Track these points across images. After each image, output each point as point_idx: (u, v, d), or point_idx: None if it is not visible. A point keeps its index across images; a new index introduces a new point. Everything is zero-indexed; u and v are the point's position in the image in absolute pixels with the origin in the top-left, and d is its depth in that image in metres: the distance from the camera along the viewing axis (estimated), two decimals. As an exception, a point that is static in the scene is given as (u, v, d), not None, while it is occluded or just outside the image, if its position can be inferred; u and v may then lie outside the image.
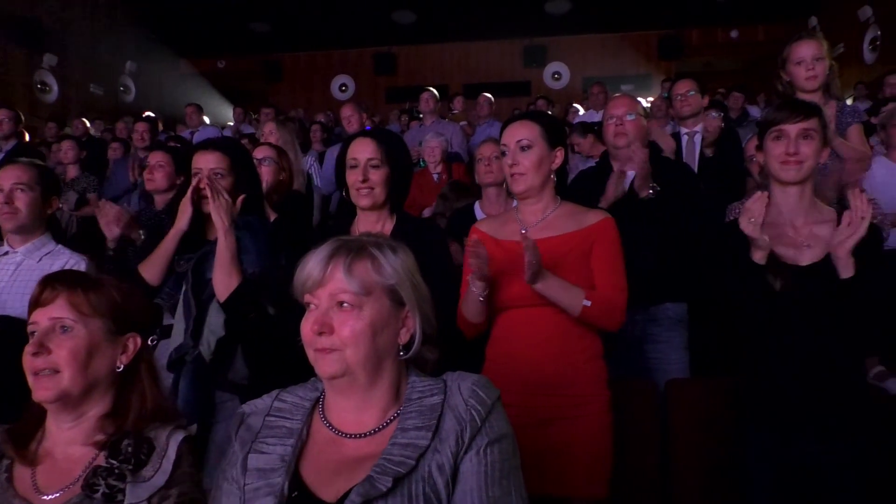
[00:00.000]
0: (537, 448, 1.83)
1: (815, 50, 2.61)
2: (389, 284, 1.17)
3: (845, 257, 1.70)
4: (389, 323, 1.17)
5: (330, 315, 1.14)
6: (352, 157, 2.07)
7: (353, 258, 1.16)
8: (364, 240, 1.21)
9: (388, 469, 1.08)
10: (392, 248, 1.21)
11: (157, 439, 1.30)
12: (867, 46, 9.04)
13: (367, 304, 1.14)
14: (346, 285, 1.13)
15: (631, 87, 11.03)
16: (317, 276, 1.15)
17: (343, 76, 12.23)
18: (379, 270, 1.17)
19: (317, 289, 1.15)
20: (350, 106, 5.21)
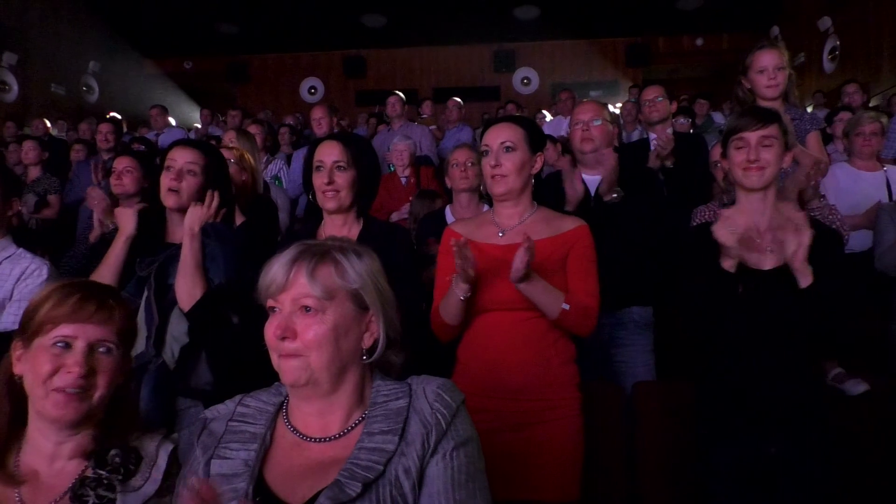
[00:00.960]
0: (511, 452, 1.84)
1: (776, 59, 2.66)
2: (353, 289, 1.17)
3: (801, 266, 1.74)
4: (353, 327, 1.17)
5: (293, 319, 1.13)
6: (318, 160, 2.06)
7: (316, 262, 1.15)
8: (328, 244, 1.20)
9: (356, 474, 1.08)
10: (357, 253, 1.21)
11: (145, 449, 1.29)
12: (826, 56, 9.29)
13: (330, 309, 1.14)
14: (309, 290, 1.13)
15: (599, 93, 11.18)
16: (280, 280, 1.14)
17: (312, 79, 12.15)
18: (342, 275, 1.16)
19: (280, 293, 1.14)
20: (322, 108, 5.18)
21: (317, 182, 2.05)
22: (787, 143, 1.89)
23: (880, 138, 3.51)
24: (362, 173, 2.06)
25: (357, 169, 2.05)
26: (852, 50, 8.78)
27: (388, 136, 5.33)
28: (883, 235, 2.83)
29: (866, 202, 3.25)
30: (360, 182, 2.06)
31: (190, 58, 12.20)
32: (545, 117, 7.63)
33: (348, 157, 2.03)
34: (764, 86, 2.66)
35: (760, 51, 2.70)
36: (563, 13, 10.71)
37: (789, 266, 1.77)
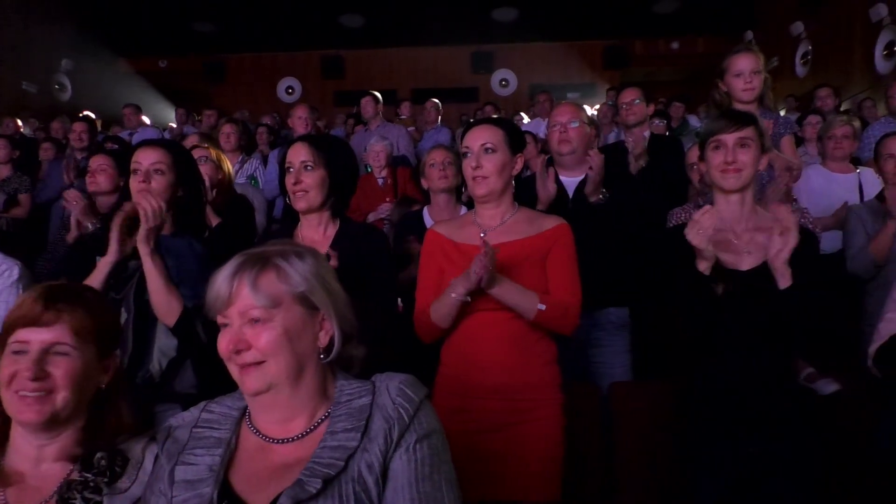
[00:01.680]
0: (493, 452, 1.84)
1: (753, 63, 2.70)
2: (298, 292, 1.17)
3: (782, 268, 1.76)
4: (305, 329, 1.17)
5: (243, 331, 1.13)
6: (288, 161, 2.06)
7: (258, 272, 1.15)
8: (268, 251, 1.20)
9: (317, 471, 1.08)
10: (298, 255, 1.20)
11: (131, 451, 1.27)
12: (799, 60, 9.45)
13: (277, 316, 1.14)
14: (253, 301, 1.13)
15: (577, 95, 11.24)
16: (224, 295, 1.14)
17: (289, 79, 12.06)
18: (286, 280, 1.16)
19: (226, 308, 1.15)
20: (303, 107, 5.15)
21: (287, 183, 2.06)
22: (763, 145, 1.92)
23: (852, 141, 3.57)
24: (334, 174, 2.05)
25: (327, 169, 2.04)
26: (824, 55, 8.94)
27: (365, 137, 5.31)
28: (853, 237, 2.88)
29: (838, 204, 3.30)
30: (332, 182, 2.05)
31: (165, 57, 12.05)
32: (523, 119, 7.65)
33: (316, 158, 2.02)
34: (740, 89, 2.69)
35: (737, 55, 2.73)
36: (541, 15, 10.77)
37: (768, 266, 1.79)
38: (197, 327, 1.93)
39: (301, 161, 2.03)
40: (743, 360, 1.84)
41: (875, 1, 7.56)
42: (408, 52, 11.91)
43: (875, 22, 7.58)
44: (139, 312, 1.97)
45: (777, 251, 1.75)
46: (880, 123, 4.64)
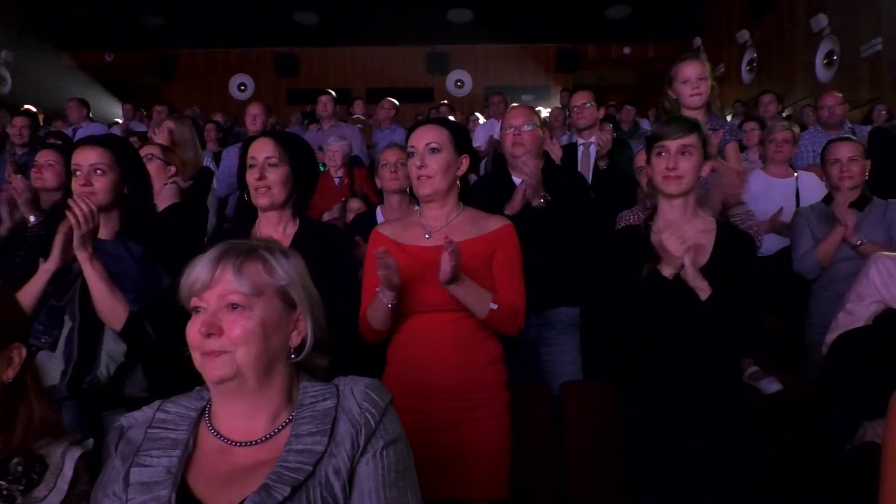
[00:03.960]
0: (439, 452, 1.84)
1: (699, 70, 2.76)
2: (280, 285, 1.16)
3: (694, 281, 1.83)
4: (281, 324, 1.16)
5: (219, 317, 1.11)
6: (250, 157, 2.03)
7: (243, 260, 1.14)
8: (255, 243, 1.19)
9: (284, 476, 1.07)
10: (284, 253, 1.20)
11: (51, 456, 1.22)
12: (745, 67, 9.74)
13: (257, 305, 1.13)
14: (235, 286, 1.12)
15: (531, 97, 11.36)
16: (205, 278, 1.12)
17: (242, 75, 11.87)
18: (270, 272, 1.16)
19: (205, 291, 1.12)
20: (258, 105, 5.08)
21: (249, 179, 2.02)
22: (706, 152, 1.97)
23: (791, 146, 3.70)
24: (297, 171, 2.03)
25: (291, 167, 2.02)
26: (768, 62, 9.23)
27: (318, 136, 5.27)
28: (800, 239, 2.97)
29: (776, 207, 3.42)
30: (294, 180, 2.03)
31: (112, 51, 11.70)
32: (478, 119, 7.70)
33: (281, 154, 2.00)
34: (688, 95, 2.76)
35: (684, 62, 2.79)
36: (495, 17, 10.85)
37: (709, 267, 1.84)
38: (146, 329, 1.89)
39: (265, 157, 2.00)
40: (687, 359, 1.89)
41: (816, 11, 7.84)
42: (363, 51, 11.84)
43: (816, 32, 7.86)
44: (84, 319, 1.91)
45: (684, 269, 1.82)
46: (809, 133, 4.82)
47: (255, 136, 2.15)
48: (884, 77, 6.47)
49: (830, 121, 4.70)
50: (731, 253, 1.91)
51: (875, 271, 2.04)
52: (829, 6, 7.68)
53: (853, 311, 2.00)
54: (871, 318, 1.96)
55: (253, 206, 2.06)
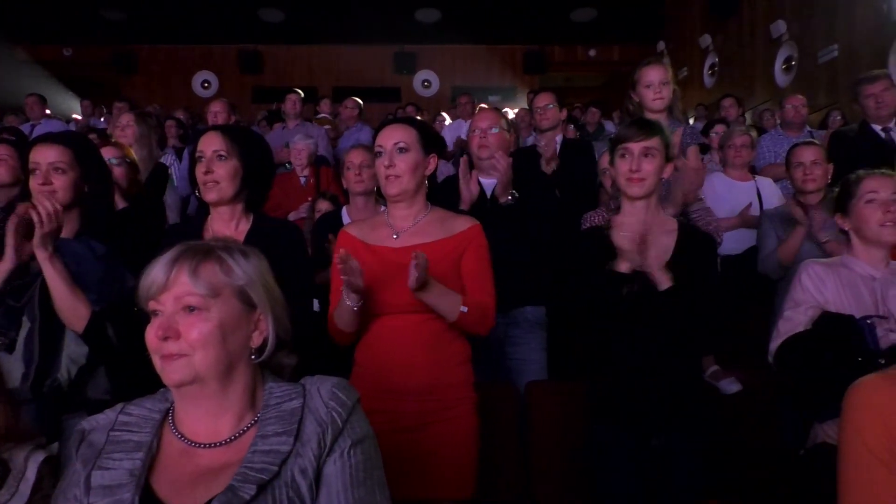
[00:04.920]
0: (407, 453, 1.84)
1: (662, 75, 2.81)
2: (238, 285, 1.15)
3: (657, 274, 1.87)
4: (240, 325, 1.15)
5: (176, 319, 1.10)
6: (199, 151, 1.99)
7: (199, 261, 1.12)
8: (212, 244, 1.18)
9: (250, 476, 1.06)
10: (243, 253, 1.19)
11: (14, 461, 1.20)
12: (707, 71, 9.93)
13: (215, 307, 1.11)
14: (192, 287, 1.10)
15: (498, 98, 11.43)
16: (161, 280, 1.11)
17: (206, 72, 11.70)
18: (228, 272, 1.14)
19: (161, 293, 1.11)
20: (220, 102, 5.01)
21: (197, 173, 1.99)
22: (667, 155, 2.01)
23: (750, 150, 3.78)
24: (248, 166, 1.99)
25: (241, 160, 1.98)
26: (729, 67, 9.42)
27: (284, 134, 5.22)
28: (765, 240, 3.04)
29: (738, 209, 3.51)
30: (245, 175, 1.99)
31: (70, 45, 11.43)
32: (445, 120, 7.71)
33: (229, 148, 1.96)
34: (651, 99, 2.80)
35: (647, 66, 2.84)
36: (463, 18, 10.88)
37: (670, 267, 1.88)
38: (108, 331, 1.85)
39: (213, 150, 1.96)
40: (645, 357, 1.92)
41: (775, 18, 8.02)
42: (329, 49, 11.78)
43: (775, 38, 8.05)
44: (44, 320, 1.86)
45: (648, 261, 1.86)
46: (770, 135, 4.92)
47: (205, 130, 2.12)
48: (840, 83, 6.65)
49: (795, 121, 4.78)
50: (691, 253, 1.95)
51: (806, 277, 2.10)
52: (787, 13, 7.87)
53: (792, 318, 2.05)
54: (809, 322, 2.01)
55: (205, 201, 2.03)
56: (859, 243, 2.12)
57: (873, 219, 2.07)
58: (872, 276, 2.07)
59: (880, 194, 2.08)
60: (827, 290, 2.06)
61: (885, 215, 2.05)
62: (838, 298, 2.04)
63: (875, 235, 2.07)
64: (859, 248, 2.12)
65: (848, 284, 2.06)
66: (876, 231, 2.06)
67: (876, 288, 2.04)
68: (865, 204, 2.09)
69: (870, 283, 2.06)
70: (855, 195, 2.13)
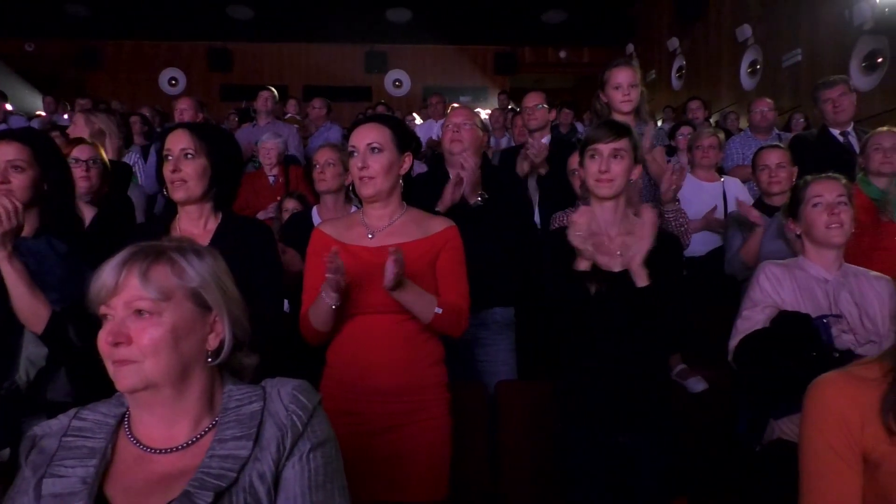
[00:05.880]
0: (380, 454, 1.84)
1: (630, 77, 2.83)
2: (191, 287, 1.11)
3: (638, 268, 1.88)
4: (195, 328, 1.12)
5: (126, 324, 1.07)
6: (166, 149, 1.96)
7: (150, 263, 1.09)
8: (165, 244, 1.14)
9: (207, 483, 1.03)
10: (197, 253, 1.15)
11: None
12: (675, 74, 10.08)
13: (167, 310, 1.08)
14: (141, 291, 1.07)
15: (469, 98, 11.44)
16: (110, 284, 1.07)
17: (173, 69, 11.51)
18: (180, 274, 1.11)
19: (111, 298, 1.08)
20: (187, 99, 4.94)
21: (164, 172, 1.96)
22: (635, 156, 2.03)
23: (717, 151, 3.83)
24: (216, 164, 1.97)
25: (209, 158, 1.95)
26: (696, 69, 9.57)
27: (253, 132, 5.16)
28: (731, 241, 3.10)
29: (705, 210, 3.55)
30: (213, 172, 1.97)
31: (32, 39, 11.16)
32: (415, 120, 7.70)
33: (197, 146, 1.94)
34: (619, 101, 2.82)
35: (616, 68, 2.86)
36: (434, 18, 10.87)
37: None
38: (69, 332, 1.81)
39: (181, 149, 1.93)
40: (615, 356, 1.94)
41: (741, 22, 8.17)
42: (299, 47, 11.69)
43: (741, 41, 8.19)
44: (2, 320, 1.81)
45: (632, 254, 1.88)
46: (740, 137, 5.01)
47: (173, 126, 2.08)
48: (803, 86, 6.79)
49: (762, 124, 4.88)
50: (658, 253, 1.97)
51: (764, 277, 2.15)
52: (753, 17, 8.01)
53: (750, 317, 2.10)
54: (767, 321, 2.06)
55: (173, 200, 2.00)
56: (811, 246, 2.20)
57: (819, 222, 2.15)
58: (825, 279, 2.13)
59: (825, 198, 2.16)
60: (784, 291, 2.12)
61: (830, 218, 2.14)
62: (794, 299, 2.10)
63: (823, 238, 2.15)
64: (811, 251, 2.19)
65: (803, 286, 2.12)
66: (823, 233, 2.14)
67: (829, 290, 2.11)
68: (812, 208, 2.18)
69: (823, 284, 2.12)
70: (803, 200, 2.22)
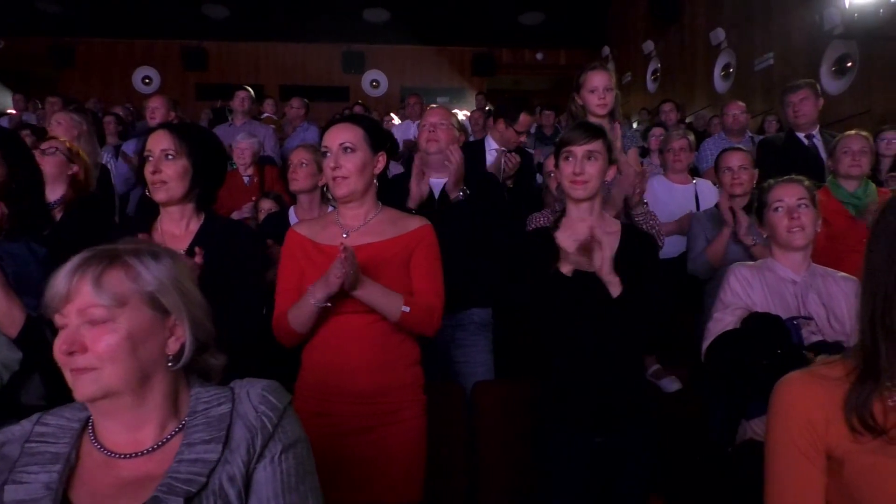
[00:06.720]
0: (355, 456, 1.83)
1: (606, 81, 2.85)
2: (148, 292, 1.08)
3: (609, 278, 1.90)
4: (153, 333, 1.09)
5: (81, 332, 1.04)
6: (147, 150, 1.94)
7: (103, 268, 1.06)
8: (120, 248, 1.11)
9: (176, 488, 1.02)
10: (153, 255, 1.12)
11: None
12: (650, 76, 10.17)
13: (122, 316, 1.06)
14: (95, 298, 1.04)
15: (447, 99, 11.45)
16: (62, 291, 1.05)
17: (147, 68, 11.38)
18: (135, 278, 1.08)
19: (64, 306, 1.05)
20: (159, 97, 4.87)
21: (145, 173, 1.94)
22: (610, 158, 2.05)
23: (688, 153, 3.87)
24: (197, 164, 1.95)
25: (190, 159, 1.94)
26: (671, 72, 9.67)
27: (229, 132, 5.11)
28: (694, 241, 3.13)
29: (678, 212, 3.59)
30: (194, 173, 1.95)
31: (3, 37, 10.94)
32: (393, 120, 7.68)
33: (178, 146, 1.92)
34: (594, 104, 2.84)
35: (592, 71, 2.87)
36: (412, 18, 10.86)
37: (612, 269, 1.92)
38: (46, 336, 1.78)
39: (162, 149, 1.92)
40: (590, 356, 1.95)
41: (715, 26, 8.27)
42: (275, 46, 11.61)
43: (715, 45, 8.29)
44: None
45: (599, 265, 1.89)
46: (713, 139, 5.09)
47: (154, 127, 2.06)
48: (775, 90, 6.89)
49: (734, 127, 4.97)
50: (635, 253, 1.99)
51: (734, 279, 2.19)
52: (726, 21, 8.12)
53: (721, 319, 2.13)
54: (738, 322, 2.09)
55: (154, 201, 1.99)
56: (777, 249, 2.24)
57: (781, 226, 2.20)
58: (793, 280, 2.17)
59: (785, 202, 2.21)
60: (754, 293, 2.15)
61: (791, 221, 2.18)
62: (764, 301, 2.14)
63: (785, 241, 2.19)
64: (778, 252, 2.24)
65: (773, 287, 2.16)
66: (785, 237, 2.19)
67: (797, 291, 2.15)
68: (774, 212, 2.23)
69: (791, 286, 2.16)
70: (766, 204, 2.27)
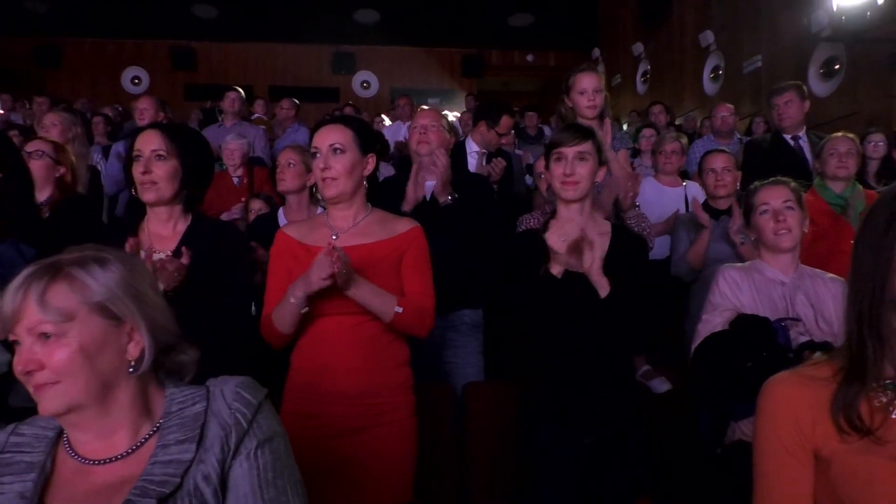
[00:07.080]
0: (344, 457, 1.83)
1: (595, 83, 2.85)
2: (96, 301, 1.06)
3: (597, 279, 1.90)
4: (108, 342, 1.07)
5: (34, 350, 1.03)
6: (136, 149, 1.94)
7: (47, 283, 1.04)
8: (63, 259, 1.09)
9: (149, 490, 1.01)
10: (99, 262, 1.09)
11: None
12: (640, 78, 10.22)
13: (72, 330, 1.04)
14: (41, 316, 1.02)
15: (437, 100, 11.46)
16: (10, 310, 1.03)
17: (136, 68, 11.32)
18: (80, 289, 1.06)
19: (14, 325, 1.04)
20: (147, 98, 4.86)
21: (134, 173, 1.93)
22: (600, 159, 2.06)
23: (680, 156, 3.90)
24: (186, 165, 1.95)
25: (180, 159, 1.94)
26: (660, 74, 9.72)
27: (220, 133, 5.10)
28: (678, 243, 3.15)
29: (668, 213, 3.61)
30: (184, 174, 1.95)
31: (-10, 36, 10.88)
32: (384, 121, 7.67)
33: (168, 147, 1.92)
34: (584, 106, 2.84)
35: (581, 73, 2.87)
36: (402, 19, 10.87)
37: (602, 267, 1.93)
38: None
39: (151, 150, 1.91)
40: (579, 356, 1.96)
41: (704, 28, 8.32)
42: (265, 47, 11.58)
43: (704, 47, 8.34)
44: None
45: (588, 265, 1.90)
46: (702, 141, 5.13)
47: (143, 127, 2.05)
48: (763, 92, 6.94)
49: (723, 129, 5.03)
50: (625, 254, 2.00)
51: (723, 281, 2.20)
52: (715, 24, 8.17)
53: (710, 321, 2.14)
54: (726, 324, 2.10)
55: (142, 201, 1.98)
56: (765, 250, 2.25)
57: (768, 228, 2.20)
58: (782, 282, 2.18)
59: (771, 204, 2.22)
60: (742, 295, 2.16)
61: (777, 224, 2.19)
62: (753, 302, 2.14)
63: (772, 243, 2.20)
64: (766, 254, 2.25)
65: (761, 289, 2.17)
66: (772, 239, 2.20)
67: (785, 293, 2.16)
68: (760, 215, 2.24)
69: (780, 287, 2.17)
70: (752, 207, 2.28)
